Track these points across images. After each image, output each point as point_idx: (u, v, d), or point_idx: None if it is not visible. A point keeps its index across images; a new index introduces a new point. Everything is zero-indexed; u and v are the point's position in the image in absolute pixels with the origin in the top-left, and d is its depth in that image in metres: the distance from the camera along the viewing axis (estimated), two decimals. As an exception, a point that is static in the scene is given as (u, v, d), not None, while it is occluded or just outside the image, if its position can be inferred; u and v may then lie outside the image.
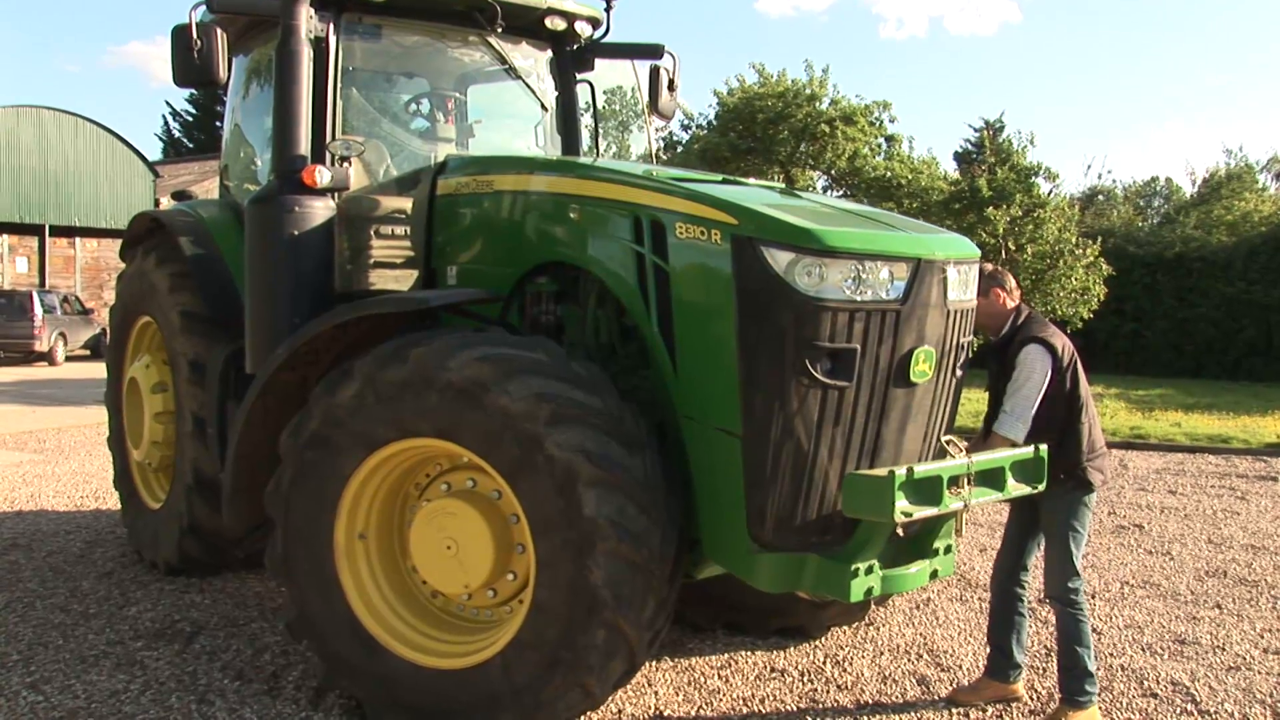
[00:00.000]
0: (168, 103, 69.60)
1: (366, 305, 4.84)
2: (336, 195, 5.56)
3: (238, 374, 5.92)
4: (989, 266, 4.91)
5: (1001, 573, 5.08)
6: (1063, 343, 4.81)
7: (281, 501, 4.73)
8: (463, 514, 4.37)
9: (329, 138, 5.70)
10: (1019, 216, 20.76)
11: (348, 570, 4.67)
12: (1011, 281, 4.99)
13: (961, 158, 30.25)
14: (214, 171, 32.12)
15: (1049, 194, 22.31)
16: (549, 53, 6.62)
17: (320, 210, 5.44)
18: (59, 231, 32.09)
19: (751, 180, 5.10)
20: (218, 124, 46.46)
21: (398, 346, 4.43)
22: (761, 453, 4.05)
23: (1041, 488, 4.49)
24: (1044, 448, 4.49)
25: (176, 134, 51.35)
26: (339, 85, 5.84)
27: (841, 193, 27.12)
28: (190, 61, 5.47)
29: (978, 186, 21.04)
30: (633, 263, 4.48)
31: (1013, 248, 20.76)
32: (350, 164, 5.67)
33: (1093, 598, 6.73)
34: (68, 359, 26.79)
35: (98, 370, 19.26)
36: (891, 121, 27.12)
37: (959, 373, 4.59)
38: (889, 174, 25.01)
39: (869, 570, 4.07)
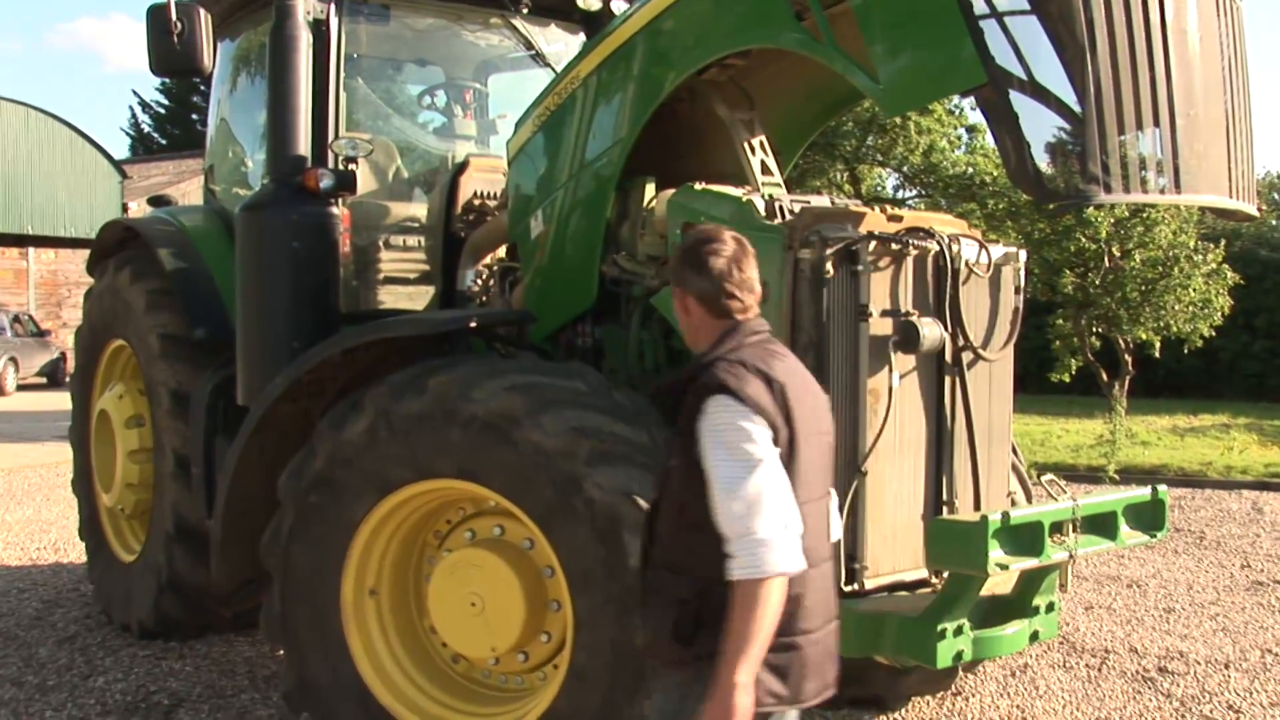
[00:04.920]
0: (134, 92, 70.45)
1: (378, 328, 4.94)
2: (341, 201, 5.67)
3: (227, 406, 6.00)
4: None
5: None
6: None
7: (280, 553, 4.83)
8: (489, 566, 4.44)
9: (331, 136, 5.79)
10: (1126, 217, 20.66)
11: (356, 631, 4.76)
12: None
13: (1056, 149, 30.15)
14: (190, 172, 32.18)
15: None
16: (581, 36, 6.73)
17: (322, 219, 5.55)
18: (9, 240, 32.39)
19: None
20: (194, 117, 46.99)
21: (414, 375, 4.53)
22: None
23: (1161, 536, 4.47)
24: (1163, 489, 4.50)
25: (146, 128, 51.93)
26: (342, 75, 5.93)
27: (915, 192, 27.13)
28: (169, 47, 5.51)
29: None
30: None
31: (1118, 254, 20.66)
32: (356, 166, 5.76)
33: (1226, 668, 6.70)
34: (19, 388, 26.97)
35: (57, 401, 19.41)
36: (973, 109, 27.17)
37: None
38: (970, 170, 24.97)
39: (958, 631, 4.09)
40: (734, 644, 2.81)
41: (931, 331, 4.29)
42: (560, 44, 6.63)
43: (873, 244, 4.27)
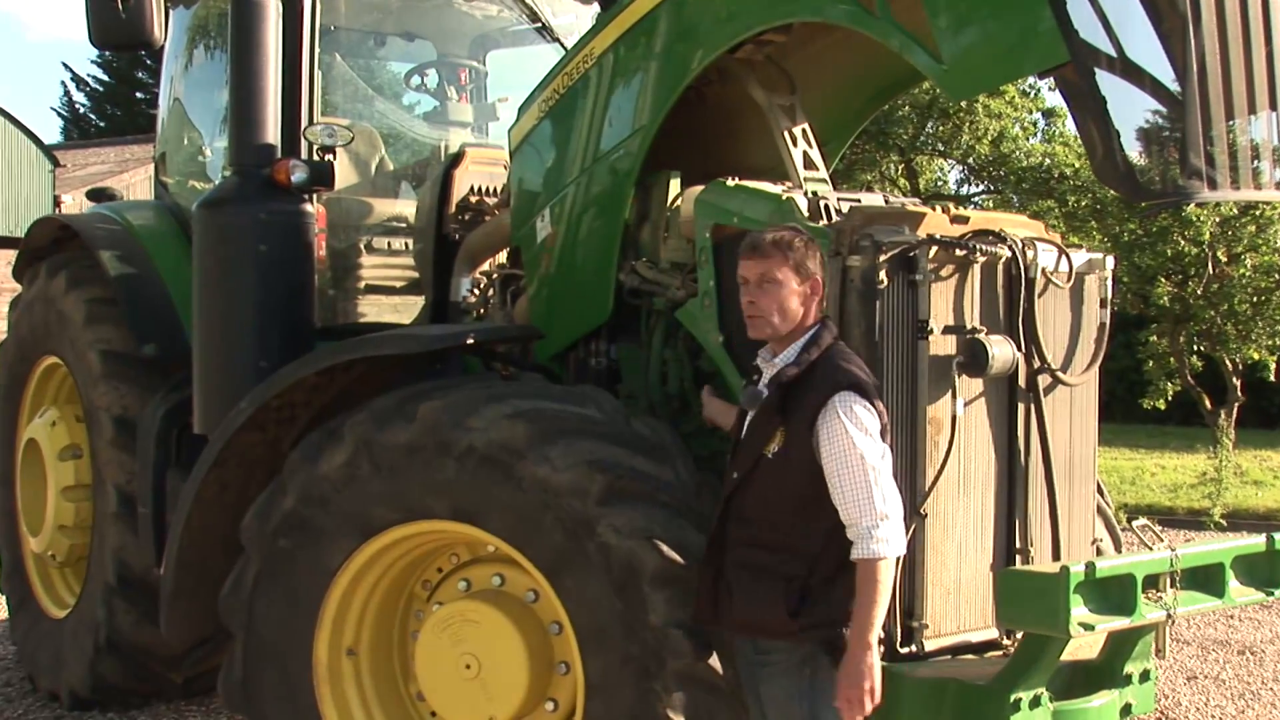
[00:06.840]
0: (65, 65, 70.51)
1: (360, 345, 4.99)
2: (316, 198, 5.74)
3: (181, 435, 6.08)
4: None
5: None
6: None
7: (243, 606, 4.88)
8: (487, 622, 4.47)
9: (305, 121, 5.86)
10: (1234, 216, 20.61)
11: (331, 698, 4.81)
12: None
13: (1151, 138, 30.06)
14: (135, 161, 32.11)
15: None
16: (595, 7, 6.78)
17: (294, 217, 5.61)
18: (-87, 239, 32.50)
19: None
20: (140, 95, 47.05)
21: (402, 400, 4.58)
22: None
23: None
24: (1279, 537, 4.49)
25: (81, 108, 52.01)
26: (317, 50, 5.98)
27: (983, 188, 27.13)
28: (113, 15, 5.52)
29: (1172, 175, 20.82)
30: None
31: (1224, 259, 20.61)
32: (333, 156, 5.82)
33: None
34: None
35: (-29, 430, 19.46)
36: (1051, 90, 27.10)
37: None
38: (1047, 162, 24.91)
39: (1034, 703, 4.07)
40: (863, 616, 3.69)
41: (1002, 351, 4.31)
42: (570, 15, 6.68)
43: (933, 249, 4.28)
